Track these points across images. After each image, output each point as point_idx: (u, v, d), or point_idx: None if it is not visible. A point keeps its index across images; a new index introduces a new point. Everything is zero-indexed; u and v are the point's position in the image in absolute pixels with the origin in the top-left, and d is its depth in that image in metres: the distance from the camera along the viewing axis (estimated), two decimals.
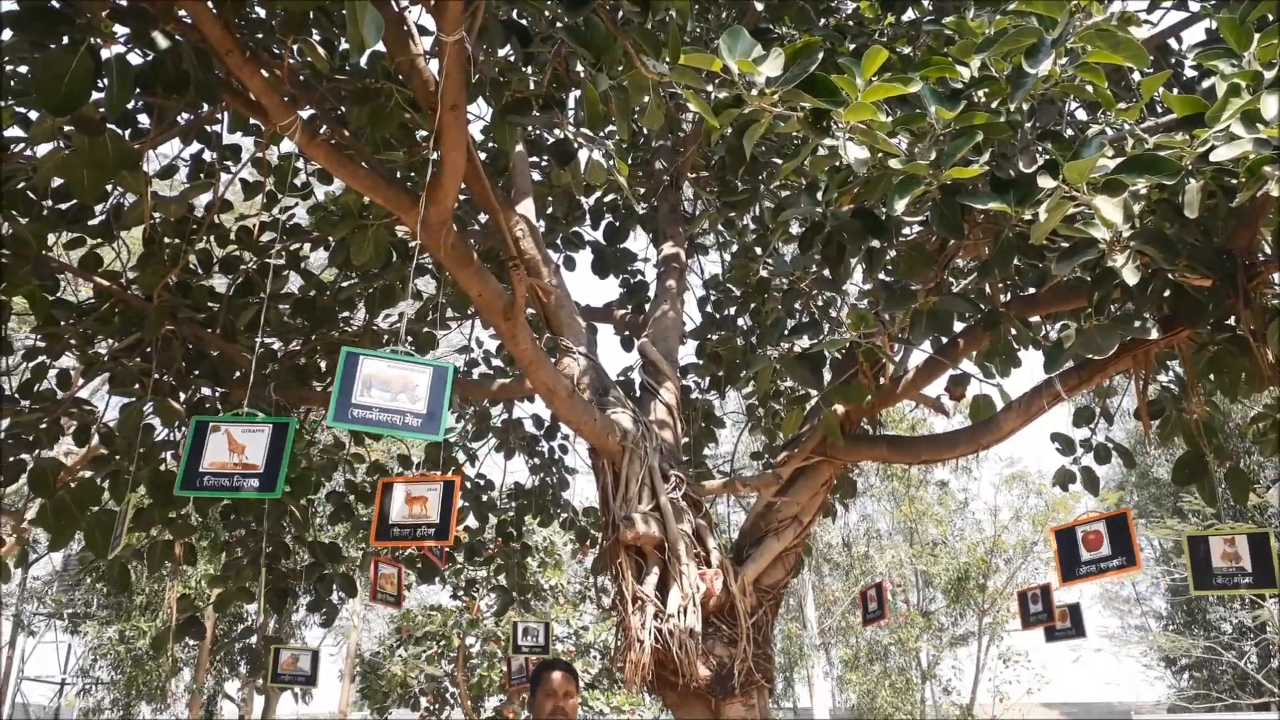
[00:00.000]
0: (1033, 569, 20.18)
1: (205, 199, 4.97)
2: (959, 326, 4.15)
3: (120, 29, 3.18)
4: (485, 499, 6.96)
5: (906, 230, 4.00)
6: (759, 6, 4.43)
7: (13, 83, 3.67)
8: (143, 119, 4.38)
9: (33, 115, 3.78)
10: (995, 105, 2.81)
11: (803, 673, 21.43)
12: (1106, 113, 3.11)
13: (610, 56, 2.99)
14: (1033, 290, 4.06)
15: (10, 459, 4.84)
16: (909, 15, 4.37)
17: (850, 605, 21.45)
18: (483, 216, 5.72)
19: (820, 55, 2.59)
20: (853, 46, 4.06)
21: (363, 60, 4.12)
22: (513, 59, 3.78)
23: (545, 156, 5.75)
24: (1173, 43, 4.69)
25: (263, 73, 3.11)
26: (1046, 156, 2.73)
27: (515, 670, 13.71)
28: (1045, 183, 2.62)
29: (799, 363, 3.80)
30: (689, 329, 6.27)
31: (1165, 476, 25.79)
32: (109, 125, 3.20)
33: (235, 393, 5.33)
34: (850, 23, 4.45)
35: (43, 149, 3.84)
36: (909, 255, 3.70)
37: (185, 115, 4.47)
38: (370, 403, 2.91)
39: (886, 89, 2.56)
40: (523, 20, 3.61)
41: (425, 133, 4.32)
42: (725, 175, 5.43)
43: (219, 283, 5.53)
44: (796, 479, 4.40)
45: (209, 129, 4.80)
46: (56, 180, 4.34)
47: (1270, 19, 2.63)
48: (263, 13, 3.65)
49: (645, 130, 5.91)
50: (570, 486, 7.38)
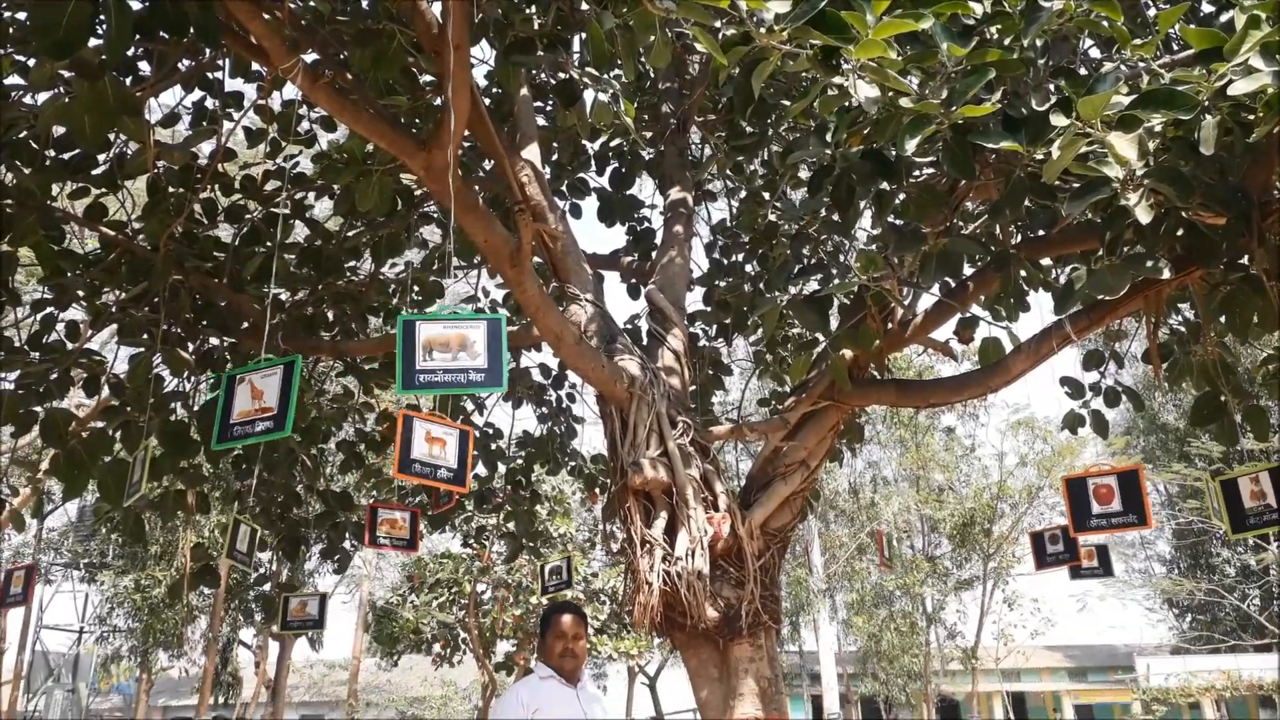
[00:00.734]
0: (1038, 514, 20.31)
1: (209, 147, 4.94)
2: (969, 270, 4.12)
3: None
4: (494, 447, 7.00)
5: (916, 174, 3.95)
6: None
7: (11, 30, 3.63)
8: (143, 66, 4.34)
9: (33, 64, 3.75)
10: (1008, 42, 2.76)
11: (809, 617, 21.67)
12: (1122, 49, 3.05)
13: None
14: (1043, 232, 4.02)
15: (21, 410, 4.88)
16: None
17: (856, 551, 21.65)
18: (488, 163, 5.67)
19: None
20: None
21: (364, 1, 4.07)
22: None
23: (550, 100, 5.68)
24: None
25: (264, 15, 3.07)
26: (1060, 94, 2.68)
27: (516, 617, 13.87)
28: (1058, 121, 2.57)
29: (806, 306, 3.78)
30: (696, 276, 6.24)
31: (1173, 422, 25.83)
32: (109, 71, 3.16)
33: (244, 342, 5.34)
34: None
35: (44, 97, 3.81)
36: (919, 197, 3.66)
37: (186, 62, 4.42)
38: (433, 366, 3.00)
39: (897, 25, 2.51)
40: None
41: (429, 77, 4.28)
42: (733, 118, 5.36)
43: (225, 233, 5.52)
44: (804, 424, 4.40)
45: (210, 76, 4.75)
46: (59, 129, 4.31)
47: None
48: None
49: (652, 72, 5.83)
50: (578, 435, 7.41)
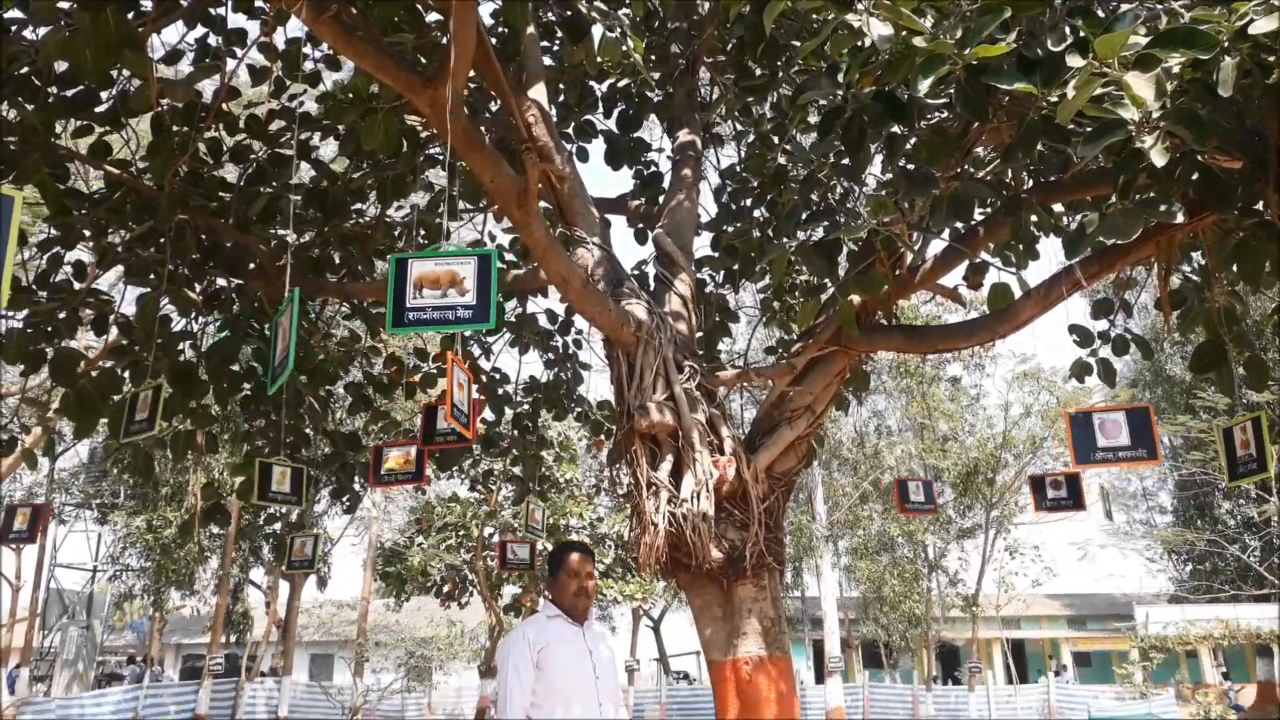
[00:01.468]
0: (1041, 464, 20.38)
1: (213, 86, 4.89)
2: (979, 215, 4.09)
3: None
4: (501, 392, 7.02)
5: (928, 117, 3.90)
6: None
7: None
8: (145, 1, 4.28)
9: None
10: None
11: (812, 563, 21.90)
12: None
13: None
14: (1055, 178, 3.98)
15: (31, 349, 4.89)
16: None
17: (859, 499, 21.78)
18: (495, 105, 5.61)
19: None
20: None
21: None
22: None
23: (557, 40, 5.60)
24: None
25: None
26: (1076, 34, 2.63)
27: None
28: (1074, 61, 2.53)
29: (815, 252, 3.76)
30: (704, 221, 6.19)
31: (1179, 374, 25.80)
32: (110, 3, 3.12)
33: (250, 283, 5.34)
34: None
35: (46, 32, 3.77)
36: (930, 141, 3.61)
37: None
38: (423, 303, 2.99)
39: None
40: None
41: (436, 16, 4.22)
42: (743, 59, 5.28)
43: (231, 175, 5.48)
44: (811, 369, 4.40)
45: (213, 11, 4.69)
46: (61, 65, 4.27)
47: None
48: None
49: (660, 9, 5.73)
50: (585, 381, 7.42)
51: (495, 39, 5.23)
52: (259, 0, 4.56)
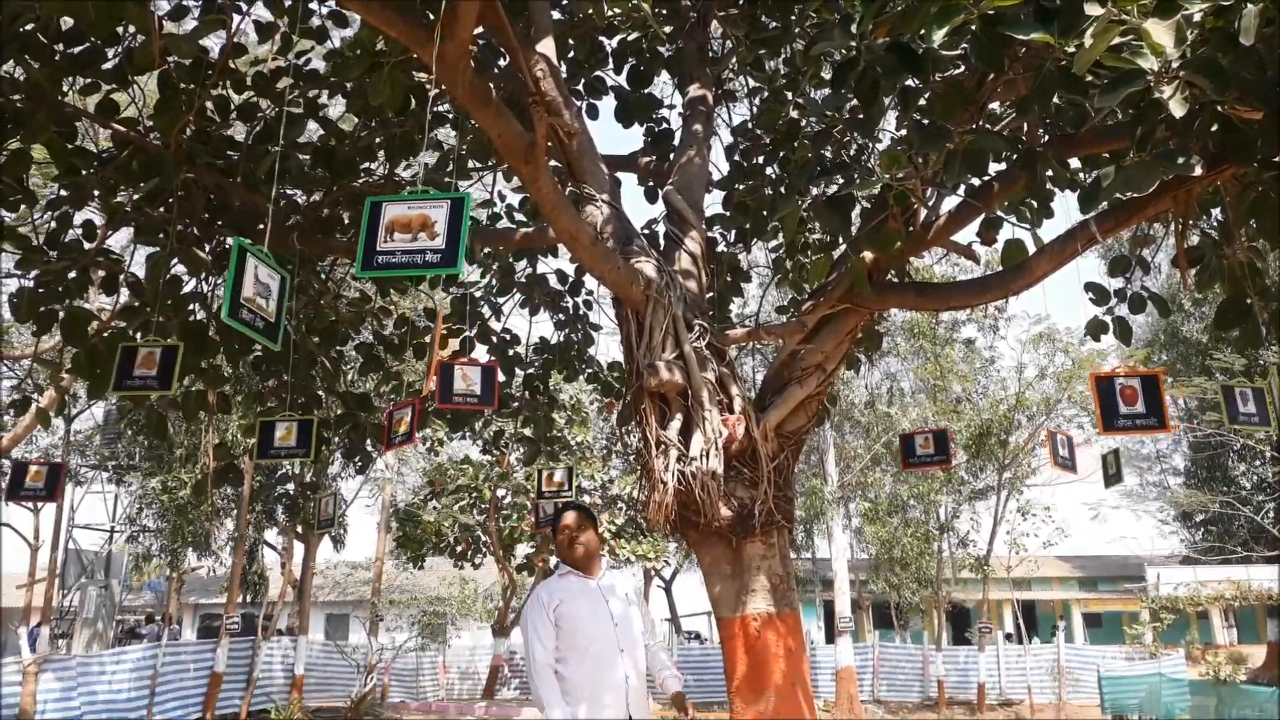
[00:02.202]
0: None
1: (220, 44, 4.85)
2: (994, 169, 4.03)
3: None
4: (511, 353, 7.02)
5: (943, 72, 3.83)
6: None
7: None
8: None
9: None
10: None
11: (823, 526, 21.96)
12: None
13: None
14: (1071, 131, 3.91)
15: (42, 309, 4.91)
16: None
17: (870, 461, 21.79)
18: (504, 62, 5.54)
19: None
20: None
21: None
22: None
23: None
24: None
25: None
26: None
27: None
28: (1092, 9, 2.47)
29: (828, 208, 3.71)
30: (716, 180, 6.13)
31: (1195, 335, 25.60)
32: None
33: (259, 242, 5.32)
34: None
35: None
36: (945, 94, 3.55)
37: None
38: (393, 247, 2.95)
39: None
40: None
41: None
42: (755, 11, 5.19)
43: (239, 134, 5.45)
44: (822, 327, 4.37)
45: None
46: (66, 21, 4.23)
47: None
48: None
49: None
50: (595, 343, 7.41)
51: None
52: None
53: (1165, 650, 21.45)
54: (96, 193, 5.09)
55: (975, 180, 4.10)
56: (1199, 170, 2.81)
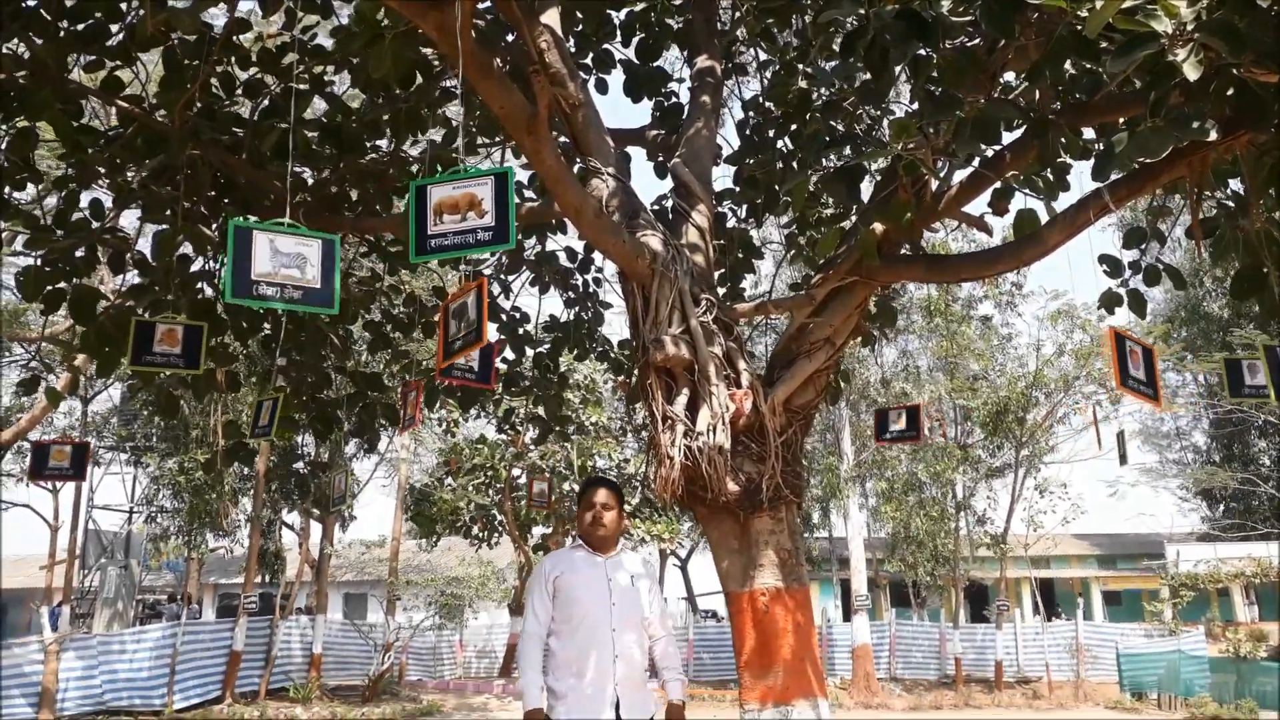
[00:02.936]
0: (1072, 402, 20.19)
1: (224, 19, 4.81)
2: (1006, 139, 3.95)
3: None
4: (521, 332, 6.99)
5: (954, 41, 3.75)
6: None
7: None
8: None
9: None
10: None
11: (839, 504, 21.93)
12: None
13: None
14: (1084, 99, 3.82)
15: (49, 288, 4.91)
16: None
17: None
18: (511, 37, 5.48)
19: None
20: None
21: None
22: None
23: None
24: None
25: None
26: None
27: (536, 494, 14.25)
28: None
29: (837, 179, 3.66)
30: (726, 155, 6.06)
31: (1215, 311, 25.34)
32: None
33: (266, 219, 5.30)
34: None
35: None
36: (955, 62, 3.48)
37: None
38: (443, 229, 2.96)
39: None
40: None
41: None
42: None
43: (245, 111, 5.42)
44: (831, 301, 4.30)
45: None
46: None
47: None
48: None
49: None
50: (605, 322, 7.36)
51: None
52: None
53: (1185, 628, 21.36)
54: (103, 171, 5.08)
55: (987, 151, 4.03)
56: (1214, 135, 2.73)
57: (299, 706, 16.11)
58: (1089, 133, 4.57)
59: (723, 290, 6.14)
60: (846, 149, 4.06)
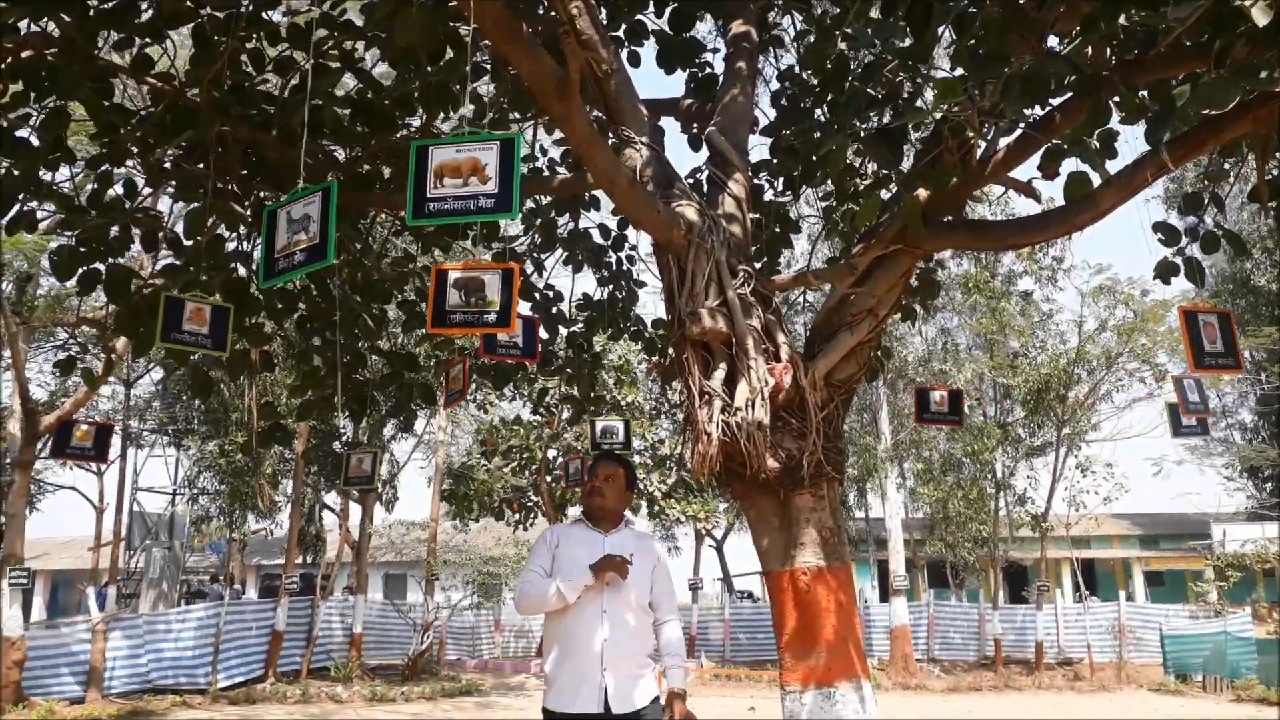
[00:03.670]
0: (1116, 380, 19.81)
1: None
2: (1055, 102, 3.79)
3: None
4: (555, 311, 6.91)
5: None
6: None
7: None
8: None
9: None
10: None
11: (876, 483, 21.72)
12: None
13: None
14: (1140, 55, 3.65)
15: (84, 268, 4.90)
16: None
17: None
18: (540, 10, 5.37)
19: None
20: None
21: None
22: None
23: None
24: None
25: None
26: None
27: (573, 473, 14.20)
28: None
29: (878, 140, 3.53)
30: (763, 126, 5.92)
31: (1264, 284, 24.72)
32: None
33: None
34: None
35: None
36: (1002, 18, 3.33)
37: None
38: (443, 194, 2.86)
39: None
40: None
41: None
42: None
43: (276, 88, 5.37)
44: (873, 270, 4.17)
45: None
46: None
47: None
48: None
49: None
50: (639, 301, 7.27)
51: None
52: None
53: (1231, 609, 20.97)
54: (135, 150, 5.05)
55: (1036, 113, 3.87)
56: None
57: (340, 685, 16.27)
58: (1144, 90, 4.39)
59: (758, 265, 6.01)
60: (887, 111, 3.92)
